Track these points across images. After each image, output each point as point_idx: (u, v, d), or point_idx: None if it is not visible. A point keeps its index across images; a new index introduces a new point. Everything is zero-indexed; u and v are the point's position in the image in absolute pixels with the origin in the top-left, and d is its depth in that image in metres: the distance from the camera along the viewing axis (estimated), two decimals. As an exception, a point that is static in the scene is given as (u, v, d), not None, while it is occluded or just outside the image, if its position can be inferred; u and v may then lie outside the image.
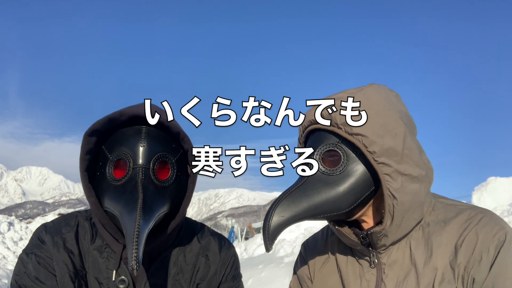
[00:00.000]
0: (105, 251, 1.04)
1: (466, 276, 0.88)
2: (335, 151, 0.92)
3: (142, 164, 0.99)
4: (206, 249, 1.14)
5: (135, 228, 0.88)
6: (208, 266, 1.13)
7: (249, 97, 0.95)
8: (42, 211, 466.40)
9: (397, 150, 0.89)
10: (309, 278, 1.13)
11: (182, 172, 1.05)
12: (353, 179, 0.91)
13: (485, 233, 0.89)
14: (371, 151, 0.88)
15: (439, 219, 0.96)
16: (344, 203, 0.91)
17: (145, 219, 0.91)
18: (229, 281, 1.15)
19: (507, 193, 8.29)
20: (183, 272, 1.10)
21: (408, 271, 0.94)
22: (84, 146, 1.00)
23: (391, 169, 0.88)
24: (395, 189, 0.88)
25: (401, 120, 0.92)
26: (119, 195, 0.96)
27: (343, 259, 1.05)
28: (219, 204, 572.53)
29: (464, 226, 0.92)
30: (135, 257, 0.85)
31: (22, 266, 1.02)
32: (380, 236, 0.92)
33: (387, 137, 0.89)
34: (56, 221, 1.09)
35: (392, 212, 0.89)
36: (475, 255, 0.88)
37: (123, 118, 1.01)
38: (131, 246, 0.86)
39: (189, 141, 1.04)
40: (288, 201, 0.89)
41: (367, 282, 0.98)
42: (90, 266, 1.04)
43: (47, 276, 1.00)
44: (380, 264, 0.97)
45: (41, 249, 1.03)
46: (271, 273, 6.15)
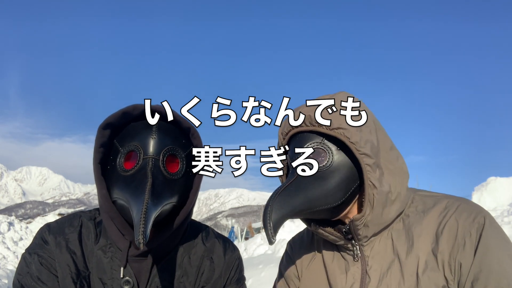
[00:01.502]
0: (110, 251, 1.04)
1: (452, 262, 0.90)
2: (320, 148, 0.96)
3: (152, 154, 0.99)
4: (211, 252, 1.14)
5: (143, 207, 0.88)
6: (213, 269, 1.13)
7: (249, 97, 0.97)
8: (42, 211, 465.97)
9: (374, 144, 0.94)
10: (297, 277, 1.14)
11: (192, 168, 1.06)
12: (340, 173, 0.95)
13: (465, 219, 0.92)
14: (353, 142, 0.92)
15: (418, 210, 1.00)
16: (335, 196, 0.94)
17: (154, 203, 0.92)
18: (233, 284, 1.16)
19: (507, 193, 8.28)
20: (187, 275, 1.10)
21: (391, 262, 0.97)
22: (98, 139, 1.02)
23: (372, 161, 0.92)
24: (375, 178, 0.92)
25: (371, 119, 0.98)
26: (128, 184, 0.97)
27: (329, 255, 1.07)
28: (219, 204, 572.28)
29: (443, 214, 0.96)
30: (142, 231, 0.85)
31: (25, 265, 1.02)
32: (360, 224, 0.95)
33: (364, 131, 0.94)
34: (59, 221, 1.09)
35: (372, 201, 0.93)
36: (458, 241, 0.91)
37: (136, 112, 1.03)
38: (138, 222, 0.86)
39: (199, 137, 1.06)
40: (285, 196, 0.91)
41: (352, 275, 1.00)
42: (93, 266, 1.03)
43: (49, 277, 1.00)
44: (364, 257, 1.00)
45: (44, 250, 1.03)
46: (271, 273, 6.15)
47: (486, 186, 8.71)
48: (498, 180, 8.65)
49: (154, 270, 1.05)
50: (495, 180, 8.69)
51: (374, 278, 0.97)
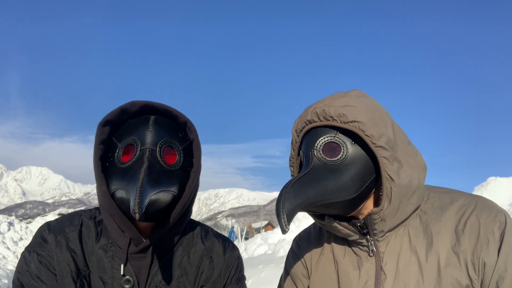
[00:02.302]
0: (110, 250, 1.04)
1: (475, 261, 0.89)
2: (334, 142, 0.95)
3: (148, 145, 1.00)
4: (210, 251, 1.14)
5: (138, 182, 0.90)
6: (212, 268, 1.13)
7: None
8: (42, 211, 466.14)
9: (390, 137, 0.93)
10: (304, 275, 1.12)
11: (189, 163, 1.07)
12: (355, 166, 0.94)
13: (486, 217, 0.91)
14: (368, 135, 0.91)
15: (435, 206, 0.99)
16: (350, 190, 0.93)
17: (150, 184, 0.93)
18: (233, 283, 1.15)
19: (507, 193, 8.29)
20: (187, 274, 1.09)
21: (409, 259, 0.95)
22: (98, 136, 1.03)
23: (389, 153, 0.91)
24: (393, 171, 0.91)
25: (386, 115, 0.98)
26: (126, 173, 0.98)
27: (340, 250, 1.05)
28: (219, 204, 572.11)
29: (461, 211, 0.95)
30: (138, 202, 0.86)
31: (25, 264, 1.02)
32: (378, 218, 0.93)
33: (380, 125, 0.93)
34: (60, 220, 1.09)
35: (389, 195, 0.91)
36: (481, 239, 0.90)
37: (134, 108, 1.04)
38: (134, 195, 0.87)
39: (195, 131, 1.08)
40: (298, 186, 0.90)
41: (366, 271, 0.98)
42: (94, 265, 1.03)
43: (49, 276, 1.00)
44: (379, 253, 0.98)
45: (43, 248, 1.03)
46: (271, 273, 6.15)
47: (486, 186, 8.71)
48: (498, 180, 8.65)
49: (153, 269, 1.05)
50: (495, 180, 8.69)
51: (390, 275, 0.95)
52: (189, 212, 1.11)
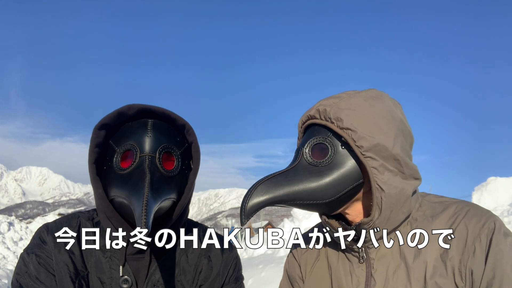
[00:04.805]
0: (108, 251, 1.05)
1: (462, 269, 0.89)
2: (324, 144, 0.95)
3: (148, 152, 1.00)
4: (208, 250, 1.14)
5: (143, 199, 0.89)
6: (211, 267, 1.13)
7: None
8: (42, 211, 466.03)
9: (387, 147, 0.90)
10: (301, 278, 1.13)
11: (186, 166, 1.07)
12: (337, 171, 0.93)
13: (474, 224, 0.90)
14: (358, 145, 0.90)
15: (427, 214, 0.99)
16: (324, 194, 0.93)
17: (154, 197, 0.92)
18: (232, 283, 1.16)
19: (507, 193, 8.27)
20: (185, 273, 1.10)
21: (398, 265, 0.95)
22: (94, 139, 1.02)
23: (378, 163, 0.90)
24: (383, 181, 0.89)
25: (393, 123, 0.94)
26: (126, 181, 0.97)
27: (334, 256, 1.06)
28: (219, 204, 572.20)
29: (452, 220, 0.94)
30: (144, 222, 0.84)
31: (23, 265, 1.02)
32: (368, 228, 0.93)
33: (378, 134, 0.91)
34: (58, 221, 1.09)
35: (380, 204, 0.90)
36: (468, 247, 0.89)
37: (131, 112, 1.04)
38: (140, 215, 0.85)
39: (194, 133, 1.07)
40: (270, 184, 0.91)
41: (357, 277, 0.99)
42: (92, 266, 1.04)
43: (47, 277, 1.01)
44: (369, 259, 0.98)
45: (42, 249, 1.03)
46: (271, 273, 6.15)
47: (486, 186, 8.69)
48: (498, 180, 8.63)
49: (152, 269, 1.06)
50: (495, 180, 8.68)
51: (379, 281, 0.95)
52: (186, 212, 1.11)
